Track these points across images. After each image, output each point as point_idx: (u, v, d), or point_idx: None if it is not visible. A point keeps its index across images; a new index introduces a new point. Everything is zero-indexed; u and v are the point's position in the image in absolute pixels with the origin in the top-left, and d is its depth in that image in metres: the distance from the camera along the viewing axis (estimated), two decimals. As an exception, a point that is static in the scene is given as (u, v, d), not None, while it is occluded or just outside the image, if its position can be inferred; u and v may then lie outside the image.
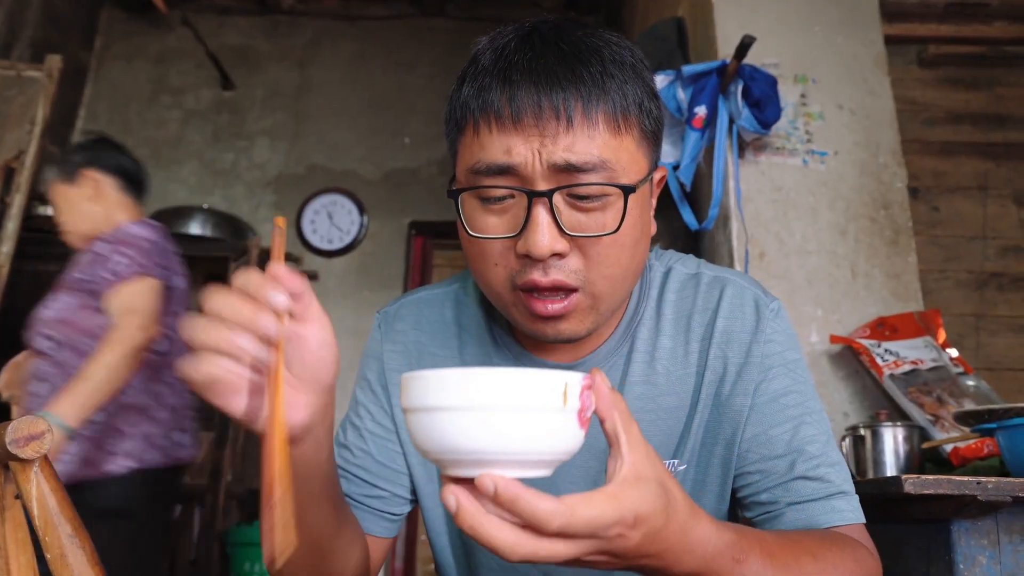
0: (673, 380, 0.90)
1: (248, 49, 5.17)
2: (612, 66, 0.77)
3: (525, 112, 0.75)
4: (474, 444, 0.54)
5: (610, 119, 0.76)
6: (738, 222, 2.16)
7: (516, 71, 0.76)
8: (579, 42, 0.78)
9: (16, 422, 0.88)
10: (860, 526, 0.86)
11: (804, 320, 2.11)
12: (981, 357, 2.35)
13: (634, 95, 0.78)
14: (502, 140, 0.76)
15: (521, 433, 0.54)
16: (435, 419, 0.55)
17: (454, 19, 5.25)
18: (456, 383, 0.54)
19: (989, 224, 2.44)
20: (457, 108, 0.81)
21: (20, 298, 3.99)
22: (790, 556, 0.71)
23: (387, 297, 4.58)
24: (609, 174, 0.76)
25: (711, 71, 2.12)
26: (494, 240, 0.78)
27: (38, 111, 3.33)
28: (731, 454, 0.89)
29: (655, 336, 0.91)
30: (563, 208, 0.76)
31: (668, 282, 0.94)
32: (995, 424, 1.38)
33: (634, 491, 0.57)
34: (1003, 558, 1.23)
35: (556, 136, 0.74)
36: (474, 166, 0.77)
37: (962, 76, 2.56)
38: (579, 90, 0.75)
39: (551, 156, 0.74)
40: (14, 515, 0.92)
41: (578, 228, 0.76)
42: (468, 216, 0.80)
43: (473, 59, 0.82)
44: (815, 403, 0.89)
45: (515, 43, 0.79)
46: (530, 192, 0.75)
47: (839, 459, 0.88)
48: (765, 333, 0.89)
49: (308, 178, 4.93)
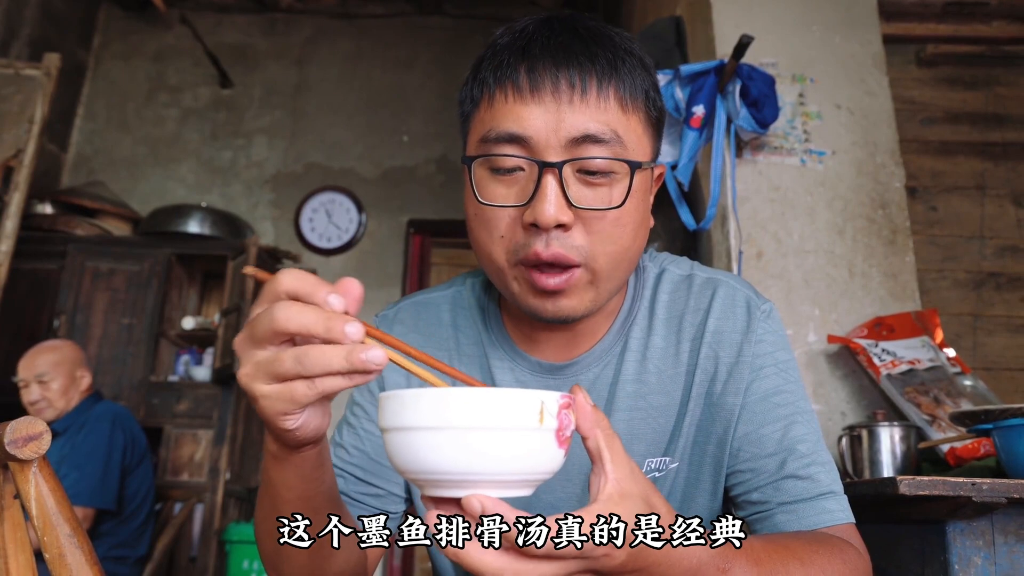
0: (664, 379, 0.91)
1: (246, 47, 5.17)
2: (623, 53, 0.82)
3: (543, 82, 0.78)
4: (451, 465, 0.54)
5: (621, 98, 0.80)
6: (735, 222, 2.16)
7: (535, 46, 0.80)
8: (594, 29, 0.83)
9: (15, 422, 0.88)
10: (850, 526, 0.87)
11: (802, 320, 2.12)
12: (978, 357, 2.35)
13: (641, 82, 0.83)
14: (517, 109, 0.79)
15: (498, 453, 0.53)
16: (412, 439, 0.54)
17: (452, 17, 5.25)
18: (431, 403, 0.54)
19: (987, 224, 2.45)
20: (474, 87, 0.84)
21: (19, 296, 4.00)
22: (777, 562, 0.71)
23: (386, 296, 4.58)
24: (618, 149, 0.79)
25: (709, 70, 2.12)
26: (501, 210, 0.80)
27: (36, 110, 3.33)
28: (723, 453, 0.90)
29: (647, 335, 0.93)
30: (572, 181, 0.79)
31: (661, 283, 0.95)
32: (991, 425, 1.38)
33: (619, 507, 0.57)
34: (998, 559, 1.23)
35: (572, 107, 0.78)
36: (486, 134, 0.80)
37: (960, 76, 2.57)
38: (594, 67, 0.79)
39: (566, 128, 0.77)
40: (13, 515, 0.92)
41: (584, 202, 0.79)
42: (478, 186, 0.81)
43: (491, 45, 0.85)
44: (805, 403, 0.91)
45: (533, 26, 0.84)
46: (541, 162, 0.77)
47: (828, 459, 0.89)
48: (756, 333, 0.90)
49: (306, 176, 4.93)
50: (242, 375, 0.60)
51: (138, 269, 4.22)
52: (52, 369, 2.88)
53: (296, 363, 0.57)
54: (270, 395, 0.59)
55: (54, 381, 2.87)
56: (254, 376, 0.59)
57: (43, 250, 4.16)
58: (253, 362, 0.59)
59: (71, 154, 4.91)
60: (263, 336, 0.58)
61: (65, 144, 4.88)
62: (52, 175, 4.70)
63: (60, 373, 2.88)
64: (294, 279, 0.58)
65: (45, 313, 4.13)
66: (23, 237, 3.39)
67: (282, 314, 0.56)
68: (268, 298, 0.59)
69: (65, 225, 4.27)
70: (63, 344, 3.01)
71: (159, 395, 4.05)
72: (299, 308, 0.57)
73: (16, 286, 3.80)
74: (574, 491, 0.91)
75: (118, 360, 4.08)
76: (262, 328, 0.58)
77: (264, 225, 4.83)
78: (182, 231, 4.31)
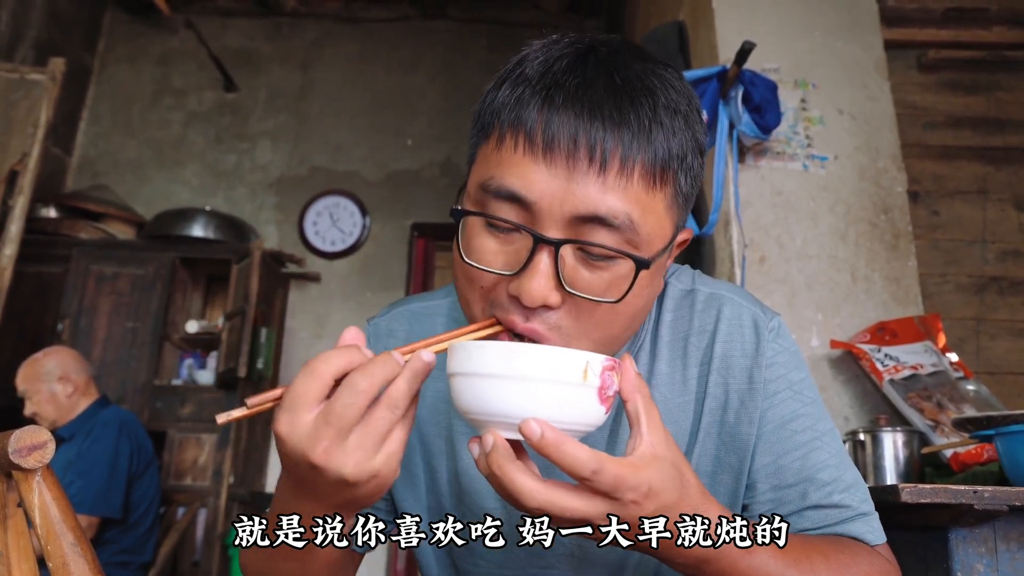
0: (671, 408, 0.86)
1: (250, 51, 5.19)
2: (664, 112, 0.70)
3: (559, 143, 0.67)
4: (506, 407, 0.61)
5: (647, 172, 0.69)
6: (738, 227, 2.16)
7: (560, 93, 0.69)
8: (635, 78, 0.71)
9: (19, 431, 0.89)
10: (882, 546, 0.83)
11: (805, 324, 2.12)
12: (981, 361, 2.35)
13: (679, 149, 0.71)
14: (525, 164, 0.68)
15: (544, 401, 0.60)
16: (475, 384, 0.62)
17: (455, 20, 5.26)
18: (495, 354, 0.62)
19: (989, 228, 2.44)
20: (488, 111, 0.74)
21: (23, 300, 4.01)
22: (800, 553, 0.71)
23: (389, 298, 4.58)
24: (630, 236, 0.69)
25: (711, 76, 2.12)
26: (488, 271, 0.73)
27: (41, 114, 3.35)
28: (739, 485, 0.85)
29: (652, 361, 0.88)
30: (568, 260, 0.70)
31: (664, 300, 0.90)
32: (993, 431, 1.38)
33: (651, 466, 0.61)
34: (1000, 566, 1.23)
35: (586, 180, 0.67)
36: (487, 182, 0.71)
37: (962, 80, 2.56)
38: (621, 133, 0.68)
39: (574, 202, 0.67)
40: (16, 524, 0.93)
41: (580, 286, 0.70)
42: (468, 234, 0.73)
43: (520, 62, 0.74)
44: (825, 423, 0.86)
45: (568, 61, 0.71)
46: (538, 236, 0.68)
47: (854, 479, 0.84)
48: (766, 356, 0.85)
49: (310, 180, 4.94)
50: (354, 471, 0.59)
51: (142, 273, 4.24)
52: (29, 385, 2.87)
53: (389, 411, 0.59)
54: (389, 460, 0.60)
55: (36, 395, 2.86)
56: (364, 461, 0.59)
57: (47, 253, 4.17)
58: (354, 451, 0.59)
59: (75, 157, 4.92)
60: (356, 414, 0.58)
61: (70, 148, 4.89)
62: (56, 178, 4.72)
63: (38, 388, 2.87)
64: (337, 358, 0.60)
65: (49, 317, 4.14)
66: (27, 240, 3.40)
67: (364, 382, 0.59)
68: (317, 391, 0.59)
69: (69, 229, 4.29)
70: (43, 356, 2.96)
71: (163, 399, 4.06)
72: (375, 370, 0.59)
73: (20, 289, 3.81)
74: None
75: (122, 363, 4.09)
76: (353, 409, 0.58)
77: (268, 228, 4.84)
78: (186, 235, 4.33)
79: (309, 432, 0.58)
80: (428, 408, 0.92)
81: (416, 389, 0.60)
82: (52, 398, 2.87)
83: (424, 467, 0.93)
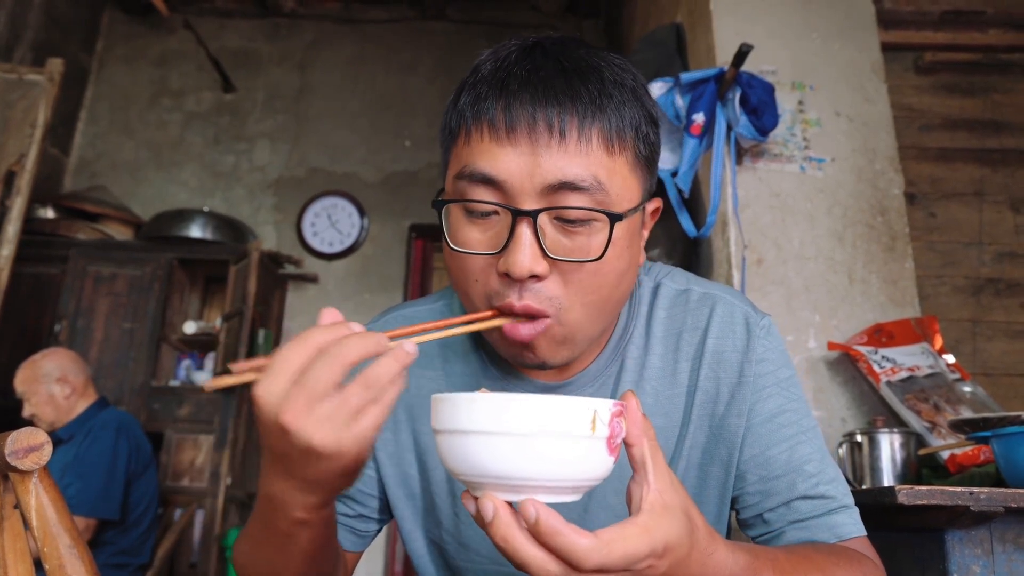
0: (662, 400, 0.89)
1: (249, 52, 5.19)
2: (611, 86, 0.76)
3: (519, 124, 0.73)
4: (503, 469, 0.55)
5: (604, 138, 0.75)
6: (736, 229, 2.17)
7: (514, 81, 0.75)
8: (580, 60, 0.77)
9: (16, 433, 0.89)
10: (862, 539, 0.86)
11: (802, 326, 2.12)
12: (978, 363, 2.35)
13: (631, 117, 0.77)
14: (492, 149, 0.74)
15: (548, 459, 0.55)
16: (465, 443, 0.56)
17: (454, 22, 5.26)
18: (487, 408, 0.55)
19: (985, 230, 2.45)
20: (453, 117, 0.80)
21: (20, 301, 4.01)
22: (800, 573, 0.72)
23: (387, 300, 4.59)
24: (600, 197, 0.74)
25: (709, 78, 2.13)
26: (476, 256, 0.76)
27: (39, 114, 3.34)
28: (728, 476, 0.88)
29: (644, 355, 0.90)
30: (548, 229, 0.74)
31: (657, 299, 0.93)
32: (989, 433, 1.39)
33: (664, 521, 0.58)
34: (997, 567, 1.23)
35: (549, 151, 0.73)
36: (461, 171, 0.76)
37: (958, 83, 2.57)
38: (575, 105, 0.74)
39: (542, 174, 0.73)
40: (13, 525, 0.93)
41: (561, 251, 0.74)
42: (452, 227, 0.78)
43: (474, 69, 0.81)
44: (809, 420, 0.90)
45: (516, 55, 0.78)
46: (515, 210, 0.73)
47: (836, 473, 0.88)
48: (756, 352, 0.89)
49: (308, 180, 4.94)
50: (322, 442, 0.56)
51: (140, 273, 4.23)
52: (28, 386, 2.87)
53: (364, 389, 0.57)
54: (358, 439, 0.57)
55: (34, 396, 2.86)
56: (332, 432, 0.56)
57: (45, 254, 4.17)
58: (324, 420, 0.56)
59: (73, 158, 4.92)
60: (328, 381, 0.56)
61: (68, 148, 4.89)
62: (54, 179, 4.72)
63: (37, 389, 2.86)
64: (325, 331, 0.58)
65: (47, 318, 4.14)
66: (25, 241, 3.39)
67: (340, 352, 0.56)
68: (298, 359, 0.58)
69: (67, 229, 4.29)
70: (42, 357, 2.95)
71: (160, 400, 4.06)
72: (353, 341, 0.57)
73: (18, 290, 3.81)
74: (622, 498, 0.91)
75: (119, 365, 4.08)
76: (325, 379, 0.56)
77: (266, 229, 4.84)
78: (184, 235, 4.32)
79: (282, 394, 0.57)
80: (421, 405, 0.92)
81: (395, 374, 0.57)
82: (51, 400, 2.87)
83: (418, 467, 0.94)
